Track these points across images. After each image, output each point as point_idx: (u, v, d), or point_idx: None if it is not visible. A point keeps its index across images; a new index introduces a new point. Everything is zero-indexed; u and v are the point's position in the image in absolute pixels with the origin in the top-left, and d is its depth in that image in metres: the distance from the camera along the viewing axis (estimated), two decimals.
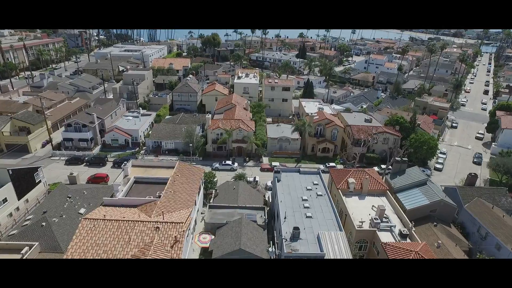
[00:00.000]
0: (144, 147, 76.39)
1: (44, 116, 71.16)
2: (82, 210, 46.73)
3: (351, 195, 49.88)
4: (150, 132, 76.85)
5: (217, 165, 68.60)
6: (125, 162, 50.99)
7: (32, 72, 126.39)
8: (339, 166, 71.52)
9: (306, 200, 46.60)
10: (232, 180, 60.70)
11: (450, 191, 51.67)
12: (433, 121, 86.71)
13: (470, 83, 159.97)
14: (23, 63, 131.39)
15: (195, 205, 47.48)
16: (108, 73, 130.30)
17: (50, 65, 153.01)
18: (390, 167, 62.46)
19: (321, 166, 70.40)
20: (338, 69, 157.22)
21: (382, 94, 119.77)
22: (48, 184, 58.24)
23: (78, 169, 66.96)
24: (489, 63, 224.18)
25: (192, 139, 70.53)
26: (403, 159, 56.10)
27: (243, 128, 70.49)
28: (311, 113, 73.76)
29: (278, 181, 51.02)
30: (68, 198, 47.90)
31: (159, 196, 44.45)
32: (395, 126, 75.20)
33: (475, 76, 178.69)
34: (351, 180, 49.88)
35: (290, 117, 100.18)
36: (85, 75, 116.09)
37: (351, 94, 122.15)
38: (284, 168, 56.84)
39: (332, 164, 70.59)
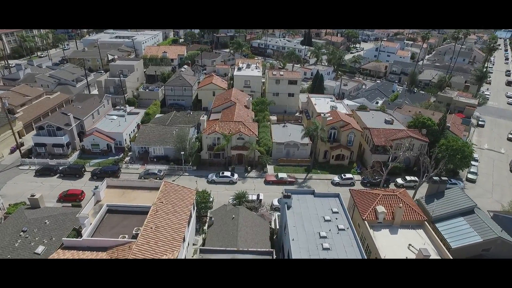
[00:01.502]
0: (130, 153, 66.01)
1: (8, 118, 60.43)
2: (40, 249, 36.74)
3: (380, 227, 39.72)
4: (136, 135, 66.25)
5: (214, 177, 58.29)
6: (96, 187, 40.37)
7: (7, 61, 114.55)
8: (357, 177, 61.24)
9: (325, 237, 36.42)
10: (230, 201, 50.68)
11: (504, 221, 41.35)
12: (462, 122, 75.73)
13: (489, 72, 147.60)
14: (2, 51, 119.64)
15: (184, 241, 37.47)
16: (96, 63, 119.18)
17: (35, 53, 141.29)
18: (416, 187, 52.06)
19: (336, 178, 60.10)
20: (347, 57, 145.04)
21: (398, 86, 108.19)
22: (9, 205, 48.19)
23: (49, 181, 56.82)
24: (506, 50, 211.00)
25: (184, 145, 60.08)
26: (442, 178, 45.59)
27: (244, 133, 59.85)
28: (324, 114, 62.94)
29: (288, 208, 40.82)
30: (22, 233, 37.79)
31: (136, 235, 34.36)
32: (421, 129, 64.45)
33: (493, 64, 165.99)
34: (380, 209, 39.60)
35: (297, 113, 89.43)
36: (68, 65, 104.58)
37: (363, 87, 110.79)
38: (295, 190, 46.48)
39: (348, 175, 60.18)
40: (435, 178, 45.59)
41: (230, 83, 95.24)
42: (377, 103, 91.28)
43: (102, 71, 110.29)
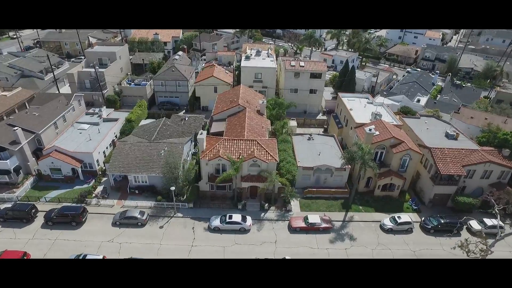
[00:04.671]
0: (104, 178, 48.91)
1: None
2: None
3: None
4: (111, 154, 48.80)
5: (218, 222, 41.28)
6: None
7: None
8: (414, 217, 44.36)
9: None
10: None
11: None
12: None
13: None
14: None
15: None
16: (75, 47, 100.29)
17: (7, 33, 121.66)
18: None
19: (387, 221, 43.13)
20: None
21: (438, 78, 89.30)
22: None
23: None
24: None
25: (176, 175, 42.90)
26: None
27: (260, 158, 42.37)
28: (370, 129, 45.21)
29: None
30: None
31: None
32: (502, 149, 46.98)
33: None
34: None
35: (320, 115, 71.66)
36: (37, 51, 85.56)
37: (395, 77, 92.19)
38: None
39: (404, 217, 43.04)
40: None
41: (236, 75, 76.90)
42: (418, 101, 73.18)
43: (82, 58, 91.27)
